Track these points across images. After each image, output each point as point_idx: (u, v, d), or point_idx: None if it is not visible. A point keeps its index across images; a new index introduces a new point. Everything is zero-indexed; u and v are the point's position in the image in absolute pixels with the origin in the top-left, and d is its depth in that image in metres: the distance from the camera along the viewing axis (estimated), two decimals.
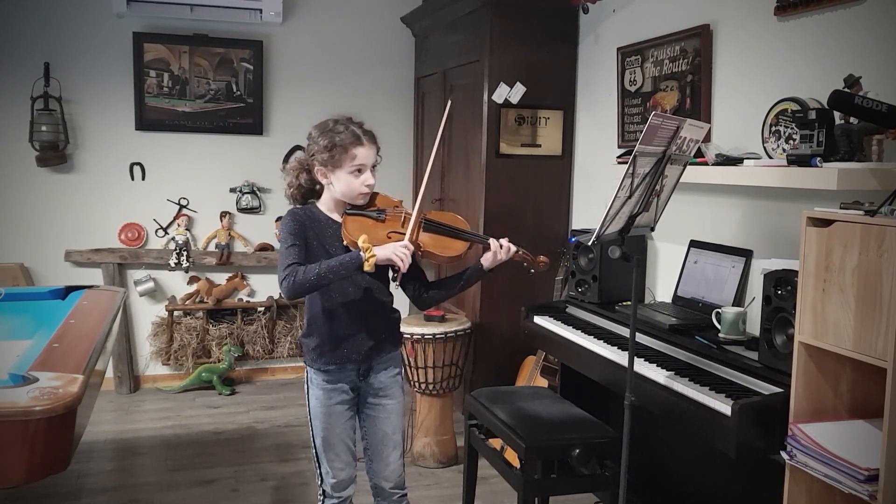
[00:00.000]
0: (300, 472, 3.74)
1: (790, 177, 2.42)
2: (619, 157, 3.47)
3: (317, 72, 5.19)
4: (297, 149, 4.82)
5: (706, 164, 2.81)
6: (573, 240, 3.55)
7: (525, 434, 2.61)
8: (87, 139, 4.86)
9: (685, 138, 2.30)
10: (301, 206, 2.39)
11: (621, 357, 2.73)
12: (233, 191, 5.13)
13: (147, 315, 5.07)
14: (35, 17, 4.70)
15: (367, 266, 2.12)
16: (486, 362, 4.24)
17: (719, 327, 2.67)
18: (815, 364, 2.06)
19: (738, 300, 2.82)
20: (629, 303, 3.11)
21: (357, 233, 2.22)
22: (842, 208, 2.02)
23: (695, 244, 3.10)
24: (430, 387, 3.79)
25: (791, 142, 2.62)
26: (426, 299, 2.43)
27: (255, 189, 5.15)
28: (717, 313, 2.69)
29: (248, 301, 5.18)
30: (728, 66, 3.04)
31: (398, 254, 2.15)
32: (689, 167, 2.52)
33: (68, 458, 1.93)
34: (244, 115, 5.07)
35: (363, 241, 2.15)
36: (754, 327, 2.60)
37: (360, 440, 2.46)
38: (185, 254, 4.96)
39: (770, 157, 2.73)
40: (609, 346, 2.87)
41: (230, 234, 5.12)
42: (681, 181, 2.47)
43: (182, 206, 5.07)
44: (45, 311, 3.03)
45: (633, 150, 2.14)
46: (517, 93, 4.09)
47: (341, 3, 5.19)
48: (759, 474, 2.53)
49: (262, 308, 5.18)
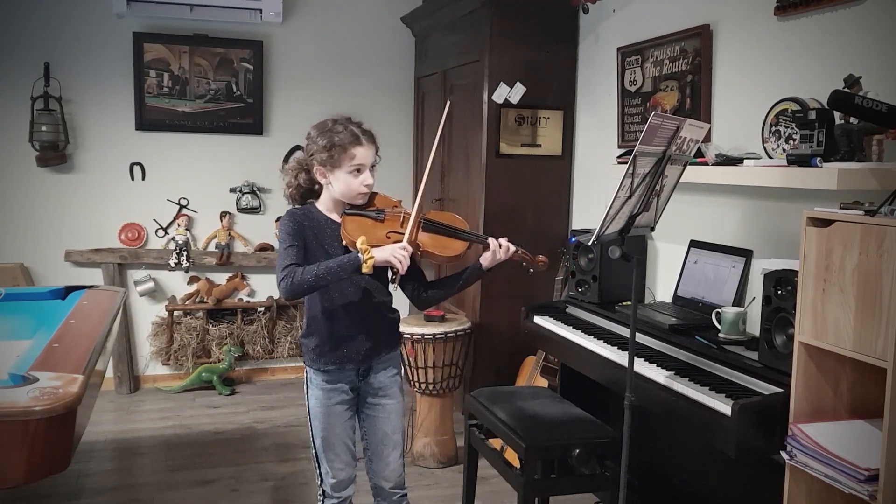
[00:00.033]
0: (300, 472, 3.74)
1: (790, 177, 2.42)
2: (619, 157, 3.47)
3: (317, 72, 5.19)
4: (297, 149, 4.82)
5: (706, 164, 2.81)
6: (573, 240, 3.55)
7: (525, 434, 2.61)
8: (87, 139, 4.86)
9: (685, 138, 2.30)
10: (300, 206, 2.39)
11: (621, 357, 2.73)
12: (233, 191, 5.13)
13: (147, 315, 5.07)
14: (35, 17, 4.70)
15: (366, 268, 2.11)
16: (486, 362, 4.23)
17: (719, 327, 2.67)
18: (815, 364, 2.06)
19: (738, 300, 2.82)
20: (629, 303, 3.11)
21: (356, 233, 2.22)
22: (842, 208, 2.02)
23: (695, 244, 3.10)
24: (430, 387, 3.79)
25: (791, 142, 2.62)
26: (425, 299, 2.43)
27: (255, 189, 5.14)
28: (717, 313, 2.69)
29: (248, 301, 5.18)
30: (728, 66, 3.04)
31: (397, 255, 2.14)
32: (689, 167, 2.52)
33: (68, 458, 1.93)
34: (244, 115, 5.07)
35: (362, 242, 2.14)
36: (754, 327, 2.60)
37: (360, 440, 2.46)
38: (185, 254, 4.96)
39: (770, 157, 2.73)
40: (609, 346, 2.87)
41: (230, 234, 5.12)
42: (681, 181, 2.47)
43: (182, 206, 5.07)
44: (45, 311, 3.03)
45: (633, 150, 2.14)
46: (517, 93, 4.09)
47: (341, 3, 5.19)
48: (759, 474, 2.53)
49: (262, 308, 5.18)
